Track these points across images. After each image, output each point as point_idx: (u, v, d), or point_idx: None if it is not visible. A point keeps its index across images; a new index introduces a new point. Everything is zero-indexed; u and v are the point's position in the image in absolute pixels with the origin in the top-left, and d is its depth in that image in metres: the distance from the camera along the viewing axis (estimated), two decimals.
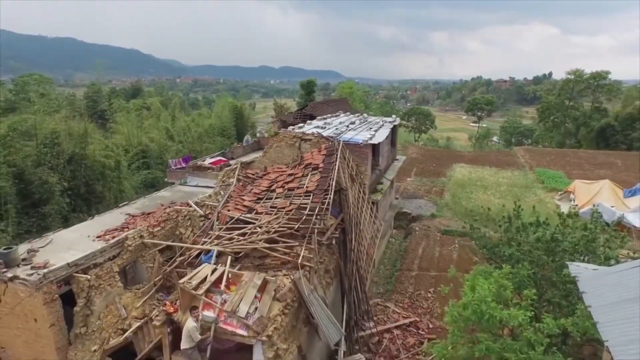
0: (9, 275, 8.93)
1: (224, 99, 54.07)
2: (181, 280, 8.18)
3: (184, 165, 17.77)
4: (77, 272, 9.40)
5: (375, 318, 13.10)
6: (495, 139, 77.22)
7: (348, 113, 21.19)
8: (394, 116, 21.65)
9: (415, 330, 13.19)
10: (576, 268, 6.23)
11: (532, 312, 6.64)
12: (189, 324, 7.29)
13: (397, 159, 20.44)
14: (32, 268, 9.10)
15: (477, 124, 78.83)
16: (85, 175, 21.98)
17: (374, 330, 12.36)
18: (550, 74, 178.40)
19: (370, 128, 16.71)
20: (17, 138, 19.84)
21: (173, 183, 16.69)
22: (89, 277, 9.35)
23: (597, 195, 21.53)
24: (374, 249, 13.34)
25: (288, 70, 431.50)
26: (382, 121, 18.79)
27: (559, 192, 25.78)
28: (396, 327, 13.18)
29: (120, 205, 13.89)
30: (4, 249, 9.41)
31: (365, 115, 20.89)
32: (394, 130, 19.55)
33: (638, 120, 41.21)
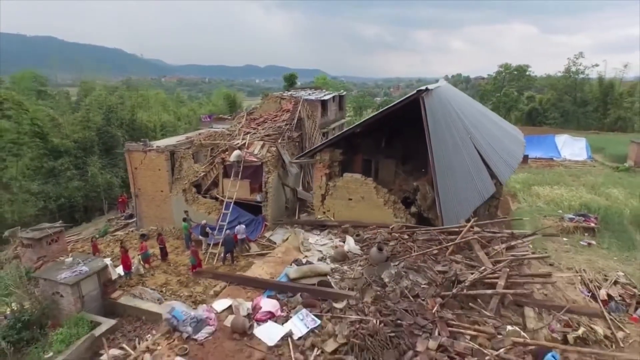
0: (147, 148, 20.75)
1: (219, 90, 65.89)
2: (228, 143, 20.17)
3: (209, 119, 29.60)
4: (175, 148, 21.26)
5: None
6: None
7: (312, 90, 33.29)
8: (342, 91, 33.79)
9: None
10: None
11: None
12: (236, 152, 19.20)
13: (343, 119, 32.66)
14: (156, 146, 20.93)
15: None
16: (135, 133, 33.61)
17: None
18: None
19: (323, 94, 28.87)
20: (94, 106, 31.45)
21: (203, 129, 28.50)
22: (181, 150, 21.21)
23: None
24: None
25: (273, 69, 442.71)
26: (334, 92, 30.97)
27: None
28: None
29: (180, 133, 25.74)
30: (142, 140, 21.26)
31: (324, 90, 33.03)
32: (341, 99, 31.79)
33: (550, 102, 54.49)
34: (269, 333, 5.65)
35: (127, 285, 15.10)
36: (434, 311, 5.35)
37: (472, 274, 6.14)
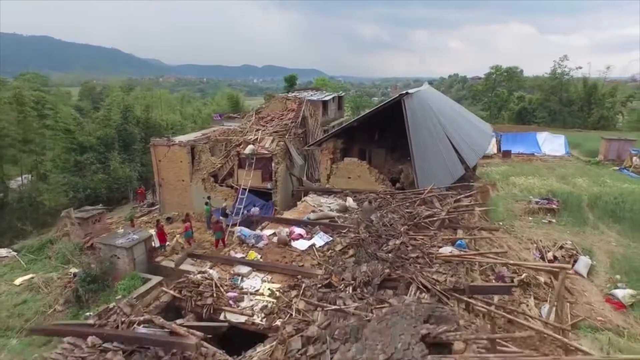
0: (171, 143, 23.94)
1: (223, 90, 69.08)
2: (243, 137, 23.39)
3: (220, 118, 32.80)
4: (194, 143, 24.44)
5: None
6: None
7: (314, 91, 36.55)
8: (341, 92, 37.07)
9: None
10: None
11: None
12: (249, 146, 22.41)
13: (342, 117, 35.92)
14: (178, 141, 24.12)
15: None
16: (149, 131, 36.74)
17: None
18: (521, 71, 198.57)
19: (324, 95, 32.12)
20: (114, 106, 34.59)
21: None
22: (200, 144, 24.40)
23: None
24: None
25: (271, 69, 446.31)
26: (333, 93, 34.24)
27: None
28: None
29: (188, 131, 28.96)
30: (166, 135, 24.41)
31: (324, 91, 36.29)
32: (340, 99, 35.05)
33: (538, 102, 57.92)
34: (301, 244, 8.87)
35: (162, 255, 18.28)
36: (401, 230, 8.52)
37: (427, 212, 9.37)
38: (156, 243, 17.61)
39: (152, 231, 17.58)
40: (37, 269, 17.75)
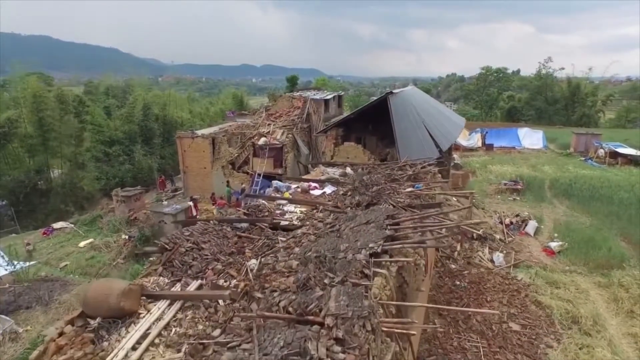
0: (195, 136, 28.19)
1: (227, 90, 73.36)
2: (256, 131, 27.69)
3: (232, 114, 37.06)
4: (215, 135, 28.69)
5: None
6: None
7: (316, 91, 40.82)
8: (340, 91, 41.34)
9: None
10: None
11: None
12: (263, 138, 26.67)
13: (342, 114, 40.24)
14: (201, 134, 28.36)
15: None
16: (166, 127, 40.98)
17: None
18: (518, 70, 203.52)
19: (325, 95, 36.42)
20: (137, 104, 38.80)
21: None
22: (219, 137, 28.64)
23: None
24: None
25: (270, 69, 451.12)
26: (334, 93, 38.53)
27: None
28: None
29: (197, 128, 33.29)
30: (190, 128, 28.67)
31: (324, 90, 40.56)
32: (340, 98, 39.37)
33: (525, 101, 62.35)
34: (316, 192, 13.06)
35: None
36: (381, 182, 12.73)
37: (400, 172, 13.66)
38: (194, 212, 21.85)
39: (190, 203, 21.82)
40: (93, 236, 21.98)
